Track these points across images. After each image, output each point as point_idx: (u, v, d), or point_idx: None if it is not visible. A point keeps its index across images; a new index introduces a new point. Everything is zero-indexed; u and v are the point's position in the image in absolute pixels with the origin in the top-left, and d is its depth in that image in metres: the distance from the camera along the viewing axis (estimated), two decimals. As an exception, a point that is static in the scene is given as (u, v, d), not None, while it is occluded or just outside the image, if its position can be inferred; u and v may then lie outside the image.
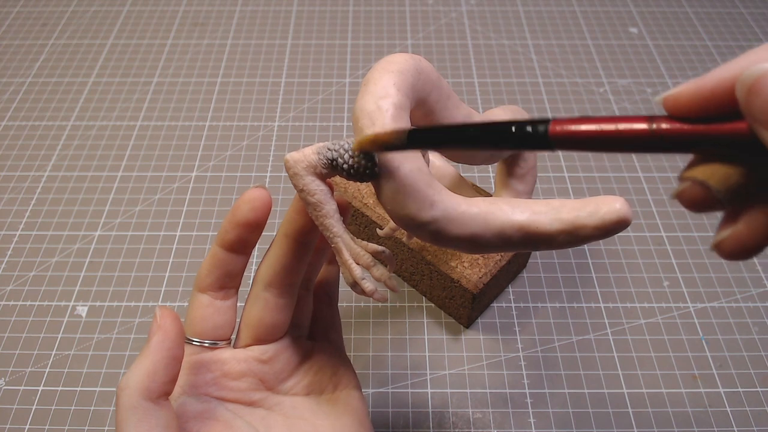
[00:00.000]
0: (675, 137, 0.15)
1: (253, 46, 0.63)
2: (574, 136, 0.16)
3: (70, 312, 0.41)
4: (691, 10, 0.67)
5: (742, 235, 0.16)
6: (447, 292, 0.39)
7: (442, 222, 0.20)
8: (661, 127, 0.15)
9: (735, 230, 0.16)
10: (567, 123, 0.16)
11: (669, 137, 0.15)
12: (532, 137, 0.16)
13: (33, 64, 0.61)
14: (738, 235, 0.16)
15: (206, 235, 0.45)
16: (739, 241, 0.16)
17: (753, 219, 0.15)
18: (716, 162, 0.16)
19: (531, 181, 0.37)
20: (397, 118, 0.21)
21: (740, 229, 0.16)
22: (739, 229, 0.16)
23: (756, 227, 0.15)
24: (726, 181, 0.15)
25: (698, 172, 0.16)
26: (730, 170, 0.15)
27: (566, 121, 0.16)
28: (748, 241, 0.16)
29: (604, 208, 0.19)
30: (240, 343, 0.26)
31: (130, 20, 0.66)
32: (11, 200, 0.48)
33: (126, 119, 0.55)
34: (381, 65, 0.22)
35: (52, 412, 0.36)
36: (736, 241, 0.16)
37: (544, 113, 0.55)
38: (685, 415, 0.36)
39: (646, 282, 0.43)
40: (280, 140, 0.53)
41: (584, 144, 0.16)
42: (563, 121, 0.16)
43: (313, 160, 0.21)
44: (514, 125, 0.17)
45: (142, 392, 0.21)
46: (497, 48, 0.62)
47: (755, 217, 0.15)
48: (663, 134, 0.15)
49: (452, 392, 0.37)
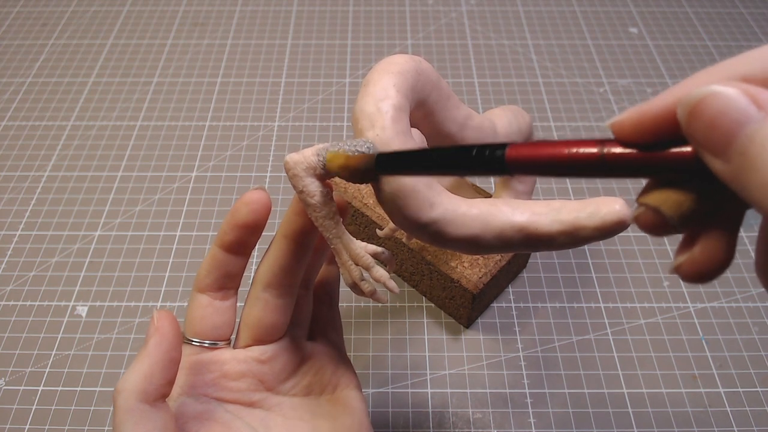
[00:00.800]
0: (622, 163, 0.15)
1: (253, 46, 0.63)
2: (528, 161, 0.16)
3: (70, 312, 0.41)
4: (691, 10, 0.67)
5: (697, 260, 0.15)
6: (447, 292, 0.39)
7: (442, 223, 0.20)
8: (610, 152, 0.15)
9: (691, 256, 0.16)
10: (523, 148, 0.16)
11: (616, 162, 0.15)
12: (491, 161, 0.17)
13: (33, 64, 0.61)
14: (694, 260, 0.15)
15: (206, 235, 0.45)
16: (695, 266, 0.15)
17: (707, 244, 0.15)
18: (669, 187, 0.16)
19: (531, 181, 0.37)
20: (397, 119, 0.21)
21: (696, 255, 0.15)
22: (695, 255, 0.15)
23: (710, 252, 0.15)
24: (678, 208, 0.15)
25: (652, 198, 0.16)
26: (682, 196, 0.15)
27: (522, 146, 0.16)
28: (703, 266, 0.15)
29: (604, 209, 0.19)
30: (239, 344, 0.26)
31: (130, 20, 0.66)
32: (11, 200, 0.48)
33: (126, 119, 0.55)
34: (381, 66, 0.22)
35: (52, 412, 0.36)
36: (692, 266, 0.16)
37: (544, 113, 0.55)
38: (685, 415, 0.36)
39: (646, 282, 0.43)
40: (280, 140, 0.53)
41: (539, 168, 0.16)
42: (520, 146, 0.16)
43: (312, 161, 0.21)
44: (475, 149, 0.17)
45: (139, 395, 0.21)
46: (497, 48, 0.62)
47: (709, 243, 0.15)
48: (611, 159, 0.15)
49: (452, 392, 0.37)
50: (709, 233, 0.15)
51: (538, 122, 0.54)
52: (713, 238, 0.15)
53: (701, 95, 0.13)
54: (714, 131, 0.13)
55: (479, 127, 0.28)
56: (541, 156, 0.16)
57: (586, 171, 0.16)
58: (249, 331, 0.25)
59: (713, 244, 0.15)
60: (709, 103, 0.13)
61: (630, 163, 0.15)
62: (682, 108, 0.14)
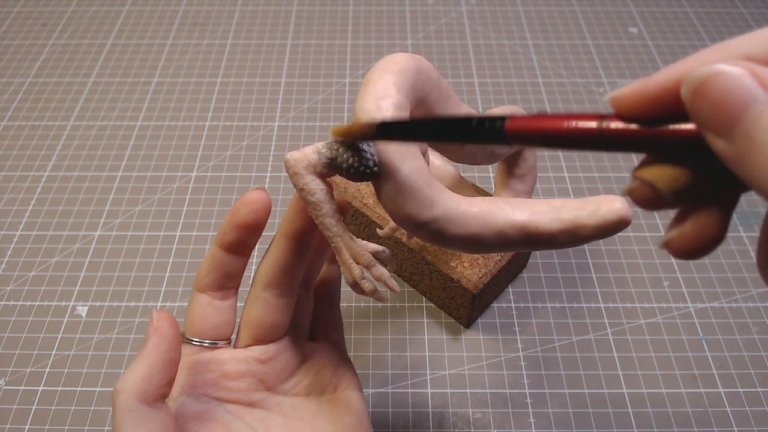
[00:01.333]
0: (621, 138, 0.15)
1: (253, 46, 0.63)
2: (527, 132, 0.16)
3: (70, 312, 0.41)
4: (691, 10, 0.67)
5: (688, 236, 0.15)
6: (447, 292, 0.39)
7: (442, 222, 0.20)
8: (609, 127, 0.15)
9: (682, 231, 0.15)
10: (522, 120, 0.16)
11: (615, 138, 0.15)
12: (491, 131, 0.17)
13: (33, 64, 0.61)
14: (684, 235, 0.15)
15: (206, 235, 0.45)
16: (685, 241, 0.15)
17: (699, 220, 0.15)
18: (666, 163, 0.15)
19: (531, 181, 0.37)
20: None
21: (686, 230, 0.15)
22: (686, 230, 0.15)
23: (701, 229, 0.15)
24: (674, 183, 0.15)
25: (648, 172, 0.16)
26: (678, 171, 0.15)
27: (522, 118, 0.16)
28: (694, 242, 0.15)
29: (605, 208, 0.19)
30: (240, 343, 0.26)
31: (130, 20, 0.66)
32: (11, 200, 0.48)
33: (126, 119, 0.55)
34: (381, 65, 0.22)
35: (52, 412, 0.36)
36: (682, 242, 0.15)
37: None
38: (685, 415, 0.36)
39: (646, 282, 0.43)
40: (280, 140, 0.53)
41: (537, 139, 0.16)
42: (519, 118, 0.16)
43: (313, 159, 0.21)
44: (474, 121, 0.17)
45: (138, 396, 0.21)
46: (497, 48, 0.62)
47: (701, 219, 0.15)
48: (610, 134, 0.15)
49: (452, 392, 0.37)
50: (701, 210, 0.15)
51: (538, 122, 0.54)
52: (706, 215, 0.15)
53: (706, 74, 0.13)
54: (718, 111, 0.13)
55: (479, 127, 0.28)
56: (540, 128, 0.16)
57: (585, 145, 0.16)
58: (249, 331, 0.25)
59: (705, 221, 0.15)
60: (715, 82, 0.13)
61: (629, 138, 0.15)
62: (686, 86, 0.14)
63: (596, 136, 0.15)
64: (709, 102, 0.13)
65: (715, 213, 0.15)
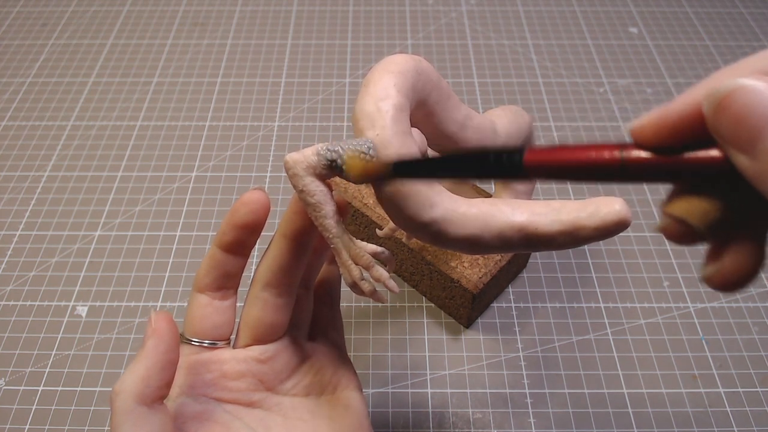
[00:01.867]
0: (643, 168, 0.15)
1: (253, 46, 0.63)
2: (547, 165, 0.16)
3: (70, 312, 0.41)
4: (691, 10, 0.67)
5: (727, 271, 0.15)
6: (447, 292, 0.39)
7: (442, 223, 0.20)
8: (630, 156, 0.15)
9: (721, 267, 0.15)
10: (541, 153, 0.16)
11: (637, 168, 0.15)
12: (509, 165, 0.16)
13: (33, 64, 0.61)
14: (724, 272, 0.15)
15: (206, 235, 0.45)
16: (726, 277, 0.15)
17: (736, 254, 0.15)
18: (693, 194, 0.15)
19: (531, 182, 0.37)
20: (397, 119, 0.21)
21: (726, 266, 0.15)
22: (725, 266, 0.15)
23: (739, 263, 0.15)
24: (705, 217, 0.15)
25: (677, 207, 0.15)
26: (708, 204, 0.15)
27: (541, 151, 0.16)
28: (733, 277, 0.15)
29: (604, 209, 0.19)
30: (239, 343, 0.26)
31: (130, 20, 0.66)
32: (11, 200, 0.48)
33: (126, 119, 0.55)
34: (381, 66, 0.22)
35: (52, 412, 0.36)
36: (722, 278, 0.15)
37: (544, 113, 0.55)
38: (685, 415, 0.36)
39: (646, 282, 0.43)
40: (280, 140, 0.53)
41: (557, 173, 0.16)
42: (538, 151, 0.16)
43: (312, 161, 0.21)
44: (492, 155, 0.17)
45: (136, 397, 0.21)
46: (497, 48, 0.62)
47: (738, 252, 0.15)
48: (631, 164, 0.15)
49: (452, 392, 0.37)
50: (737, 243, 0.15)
51: (538, 122, 0.54)
52: (741, 248, 0.15)
53: (730, 88, 0.13)
54: (741, 126, 0.13)
55: (479, 127, 0.28)
56: (560, 161, 0.16)
57: (606, 176, 0.15)
58: (249, 331, 0.25)
59: (742, 255, 0.15)
60: (738, 97, 0.13)
61: (651, 168, 0.15)
62: (708, 102, 0.13)
63: (617, 167, 0.15)
64: (732, 116, 0.13)
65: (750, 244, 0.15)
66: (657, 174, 0.15)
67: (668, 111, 0.14)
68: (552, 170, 0.16)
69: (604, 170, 0.15)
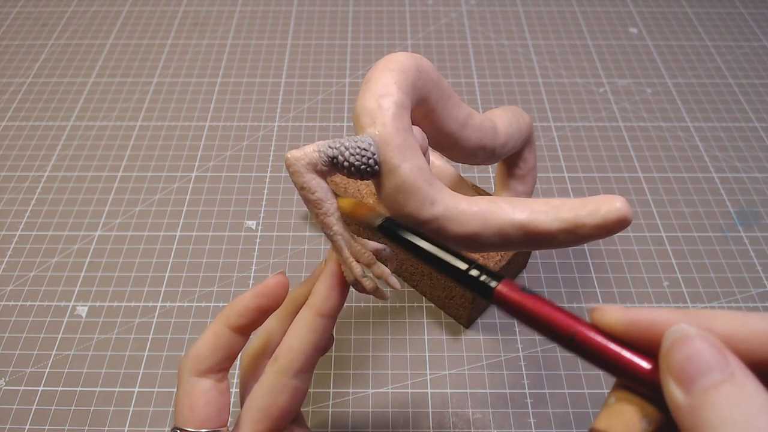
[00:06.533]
0: (586, 352, 0.16)
1: (253, 46, 0.63)
2: (511, 304, 0.17)
3: (70, 312, 0.41)
4: (691, 10, 0.67)
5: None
6: (447, 292, 0.39)
7: (443, 220, 0.20)
8: (578, 336, 0.16)
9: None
10: (513, 291, 0.18)
11: (581, 349, 0.16)
12: (480, 287, 0.18)
13: (33, 64, 0.61)
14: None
15: (206, 235, 0.45)
16: None
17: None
18: (624, 406, 0.16)
19: (531, 181, 0.37)
20: (398, 116, 0.21)
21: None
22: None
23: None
24: None
25: (600, 422, 0.16)
26: (631, 420, 0.16)
27: (513, 289, 0.18)
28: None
29: (605, 207, 0.19)
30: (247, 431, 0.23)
31: (130, 20, 0.66)
32: (11, 200, 0.48)
33: (126, 119, 0.55)
34: (382, 64, 0.22)
35: (52, 412, 0.36)
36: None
37: (544, 113, 0.55)
38: (686, 415, 0.36)
39: (646, 282, 0.43)
40: (280, 140, 0.53)
41: (516, 315, 0.17)
42: (512, 287, 0.18)
43: (313, 157, 0.21)
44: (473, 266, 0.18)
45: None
46: (497, 48, 0.62)
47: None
48: (578, 343, 0.16)
49: (452, 392, 0.37)
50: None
51: (538, 122, 0.54)
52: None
53: (693, 334, 0.15)
54: (690, 363, 0.14)
55: (479, 127, 0.28)
56: (524, 307, 0.17)
57: (556, 341, 0.17)
58: (268, 422, 0.23)
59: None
60: (697, 342, 0.15)
61: (593, 354, 0.16)
62: (673, 333, 0.15)
63: (567, 340, 0.17)
64: (686, 354, 0.15)
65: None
66: (596, 361, 0.16)
67: (633, 317, 0.16)
68: (514, 311, 0.17)
69: (556, 337, 0.17)
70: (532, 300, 0.17)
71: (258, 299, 0.23)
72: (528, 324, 0.17)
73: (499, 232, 0.20)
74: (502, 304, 0.18)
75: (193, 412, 0.23)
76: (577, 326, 0.17)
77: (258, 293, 0.23)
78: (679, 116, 0.55)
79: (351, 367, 0.38)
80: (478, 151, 0.29)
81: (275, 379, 0.23)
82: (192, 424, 0.22)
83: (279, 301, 0.24)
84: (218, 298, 0.42)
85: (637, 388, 0.16)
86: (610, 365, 0.16)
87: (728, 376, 0.14)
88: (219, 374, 0.24)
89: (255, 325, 0.24)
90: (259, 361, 0.25)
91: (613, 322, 0.16)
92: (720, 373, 0.14)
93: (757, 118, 0.55)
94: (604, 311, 0.17)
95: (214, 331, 0.23)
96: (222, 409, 0.23)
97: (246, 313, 0.23)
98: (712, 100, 0.57)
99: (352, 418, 0.36)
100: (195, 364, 0.23)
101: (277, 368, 0.23)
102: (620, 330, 0.16)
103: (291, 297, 0.25)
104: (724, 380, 0.14)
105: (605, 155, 0.51)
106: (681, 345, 0.15)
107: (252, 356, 0.26)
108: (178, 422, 0.23)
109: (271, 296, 0.23)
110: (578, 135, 0.53)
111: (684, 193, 0.48)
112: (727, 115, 0.55)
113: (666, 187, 0.49)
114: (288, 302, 0.25)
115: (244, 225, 0.46)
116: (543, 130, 0.54)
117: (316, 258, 0.44)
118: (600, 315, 0.17)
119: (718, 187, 0.49)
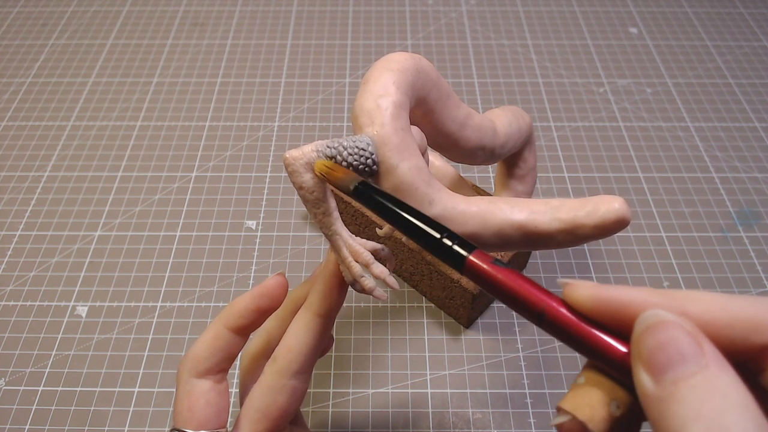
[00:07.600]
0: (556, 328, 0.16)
1: (253, 46, 0.63)
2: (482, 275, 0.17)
3: (70, 312, 0.41)
4: (691, 10, 0.67)
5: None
6: (447, 292, 0.39)
7: (441, 220, 0.20)
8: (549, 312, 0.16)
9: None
10: (484, 262, 0.17)
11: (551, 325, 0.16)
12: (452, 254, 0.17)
13: (33, 64, 0.61)
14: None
15: (206, 235, 0.45)
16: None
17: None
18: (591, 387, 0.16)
19: (531, 182, 0.37)
20: (397, 116, 0.21)
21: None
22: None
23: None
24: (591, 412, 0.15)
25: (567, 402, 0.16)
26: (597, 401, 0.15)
27: (485, 260, 0.17)
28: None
29: (603, 208, 0.19)
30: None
31: (130, 20, 0.66)
32: (11, 200, 0.48)
33: (126, 119, 0.55)
34: (381, 64, 0.22)
35: (52, 412, 0.36)
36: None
37: (544, 113, 0.55)
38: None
39: (646, 282, 0.43)
40: (280, 140, 0.53)
41: (488, 287, 0.17)
42: (484, 259, 0.17)
43: (312, 157, 0.21)
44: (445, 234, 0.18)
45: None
46: (497, 48, 0.62)
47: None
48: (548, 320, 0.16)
49: (452, 392, 0.37)
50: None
51: (538, 122, 0.54)
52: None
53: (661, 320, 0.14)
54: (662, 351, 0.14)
55: (479, 127, 0.28)
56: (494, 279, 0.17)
57: (525, 315, 0.16)
58: (267, 422, 0.23)
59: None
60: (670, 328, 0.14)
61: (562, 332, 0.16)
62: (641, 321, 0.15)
63: (538, 316, 0.16)
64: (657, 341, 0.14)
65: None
66: (566, 340, 0.16)
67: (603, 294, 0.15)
68: (485, 283, 0.17)
69: (527, 312, 0.16)
70: (504, 272, 0.16)
71: (257, 300, 0.23)
72: (499, 297, 0.17)
73: (498, 232, 0.20)
74: (473, 274, 0.17)
75: (192, 413, 0.23)
76: (548, 301, 0.16)
77: (257, 294, 0.23)
78: (679, 116, 0.55)
79: (351, 367, 0.38)
80: (477, 151, 0.29)
81: (274, 379, 0.23)
82: (191, 425, 0.22)
83: (278, 301, 0.24)
84: (218, 298, 0.42)
85: (608, 370, 0.16)
86: (581, 345, 0.16)
87: (701, 368, 0.13)
88: (218, 375, 0.24)
89: (254, 326, 0.24)
90: (258, 361, 0.26)
91: (582, 299, 0.15)
92: (693, 365, 0.13)
93: (757, 118, 0.55)
94: (575, 287, 0.16)
95: (214, 332, 0.23)
96: (221, 410, 0.23)
97: (245, 314, 0.23)
98: (712, 100, 0.57)
99: (352, 418, 0.36)
100: (194, 365, 0.23)
101: (276, 369, 0.23)
102: (588, 308, 0.15)
103: (291, 297, 0.25)
104: (695, 372, 0.13)
105: (605, 155, 0.51)
106: (654, 331, 0.14)
107: (252, 357, 0.26)
108: (177, 423, 0.23)
109: (270, 297, 0.23)
110: (578, 135, 0.53)
111: (684, 193, 0.48)
112: (727, 115, 0.55)
113: (666, 187, 0.49)
114: (288, 303, 0.25)
115: (244, 225, 0.46)
116: (543, 130, 0.54)
117: (316, 258, 0.44)
118: (570, 291, 0.16)
119: (718, 187, 0.49)
